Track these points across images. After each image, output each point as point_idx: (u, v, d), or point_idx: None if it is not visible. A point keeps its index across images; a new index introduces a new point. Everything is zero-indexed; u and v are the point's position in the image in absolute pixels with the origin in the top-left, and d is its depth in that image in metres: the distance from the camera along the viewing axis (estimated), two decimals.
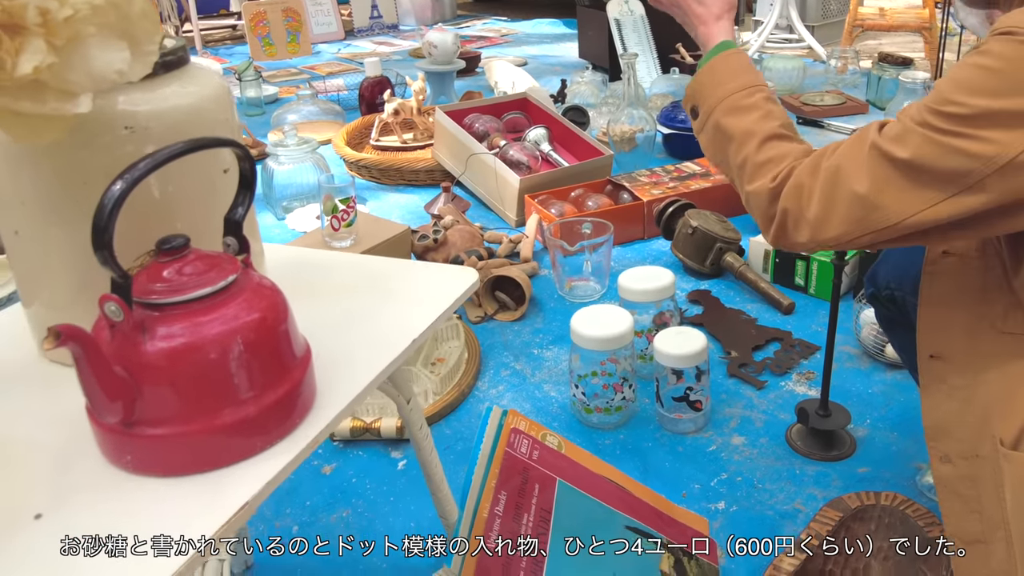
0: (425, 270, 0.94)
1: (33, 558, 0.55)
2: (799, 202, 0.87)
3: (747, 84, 1.01)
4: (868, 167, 0.83)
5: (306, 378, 0.66)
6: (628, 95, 2.46)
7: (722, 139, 1.00)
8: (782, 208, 0.89)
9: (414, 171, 2.53)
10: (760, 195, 0.92)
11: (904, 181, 0.81)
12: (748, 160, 0.95)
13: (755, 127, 0.97)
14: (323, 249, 1.66)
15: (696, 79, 1.06)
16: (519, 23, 5.51)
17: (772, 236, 0.92)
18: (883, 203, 0.82)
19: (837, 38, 4.14)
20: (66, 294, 0.74)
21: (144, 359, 0.57)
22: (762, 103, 0.99)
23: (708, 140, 1.03)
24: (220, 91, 0.77)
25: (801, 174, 0.89)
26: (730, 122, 0.99)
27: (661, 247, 2.05)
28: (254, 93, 3.39)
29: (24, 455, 0.65)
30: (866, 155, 0.83)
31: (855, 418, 1.36)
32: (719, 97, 1.01)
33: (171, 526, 0.56)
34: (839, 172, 0.85)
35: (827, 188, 0.85)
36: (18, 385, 0.75)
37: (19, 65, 0.55)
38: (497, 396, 1.51)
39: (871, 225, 0.83)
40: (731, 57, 1.05)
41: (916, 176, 0.80)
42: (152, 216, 0.72)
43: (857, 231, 0.85)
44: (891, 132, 0.83)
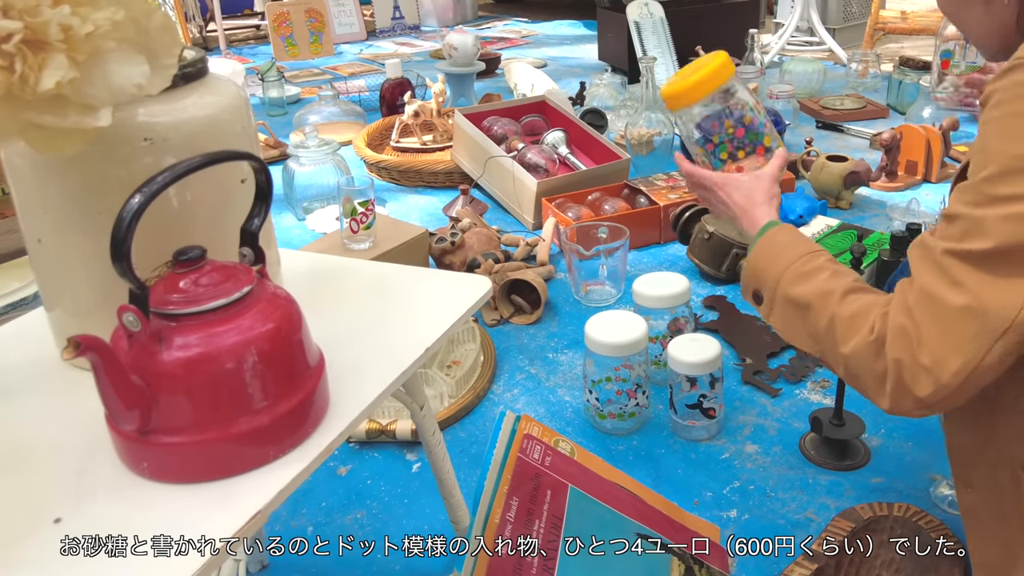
0: (439, 278, 0.95)
1: (52, 561, 0.56)
2: (908, 347, 0.77)
3: (804, 252, 0.95)
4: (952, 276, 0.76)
5: (319, 387, 0.67)
6: (646, 98, 2.46)
7: (796, 311, 0.92)
8: (892, 360, 0.78)
9: (433, 173, 2.54)
10: (861, 353, 0.82)
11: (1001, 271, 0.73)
12: (835, 318, 0.86)
13: (830, 286, 0.89)
14: (342, 251, 1.69)
15: (749, 264, 1.01)
16: (539, 24, 5.51)
17: (889, 400, 0.80)
18: (989, 306, 0.74)
19: (858, 41, 4.11)
20: (87, 301, 0.75)
21: (161, 368, 0.58)
22: (827, 264, 0.92)
23: (781, 320, 0.95)
24: (238, 101, 0.78)
25: (897, 317, 0.80)
26: (799, 291, 0.92)
27: (677, 252, 2.05)
28: (276, 93, 3.42)
29: (46, 458, 0.66)
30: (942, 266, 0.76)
31: (870, 427, 1.36)
32: (779, 272, 0.95)
33: (186, 532, 0.57)
34: (930, 297, 0.77)
35: (927, 319, 0.76)
36: (41, 387, 0.76)
37: (42, 80, 0.56)
38: (512, 400, 1.52)
39: (990, 335, 0.74)
40: (778, 233, 1.01)
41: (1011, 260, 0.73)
42: (171, 225, 0.73)
43: (979, 350, 0.74)
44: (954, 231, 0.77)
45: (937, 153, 2.31)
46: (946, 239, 0.77)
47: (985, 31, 0.91)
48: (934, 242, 0.78)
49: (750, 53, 3.18)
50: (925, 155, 2.32)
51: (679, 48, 3.37)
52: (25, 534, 0.58)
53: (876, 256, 1.81)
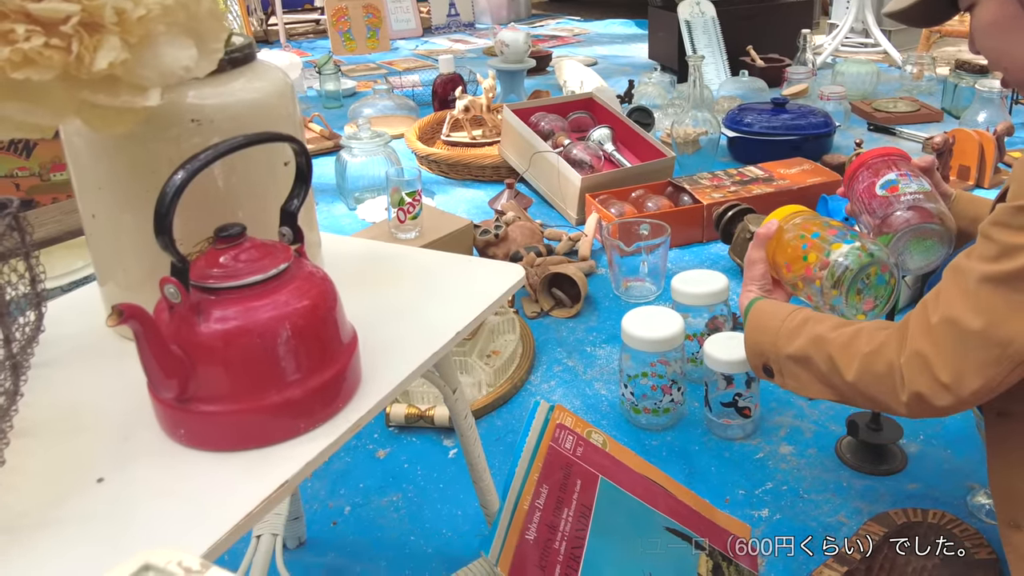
0: (475, 265, 0.96)
1: (94, 518, 0.59)
2: (928, 371, 0.80)
3: (786, 313, 1.01)
4: (979, 303, 0.77)
5: (351, 364, 0.69)
6: (693, 97, 2.45)
7: (800, 366, 0.97)
8: (912, 392, 0.82)
9: (481, 167, 2.56)
10: (866, 373, 0.86)
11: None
12: (832, 355, 0.91)
13: (817, 331, 0.95)
14: (389, 240, 1.72)
15: (747, 343, 1.07)
16: (592, 23, 5.51)
17: (908, 411, 0.84)
18: (1015, 336, 0.75)
19: (914, 43, 4.03)
20: (137, 275, 0.78)
21: (199, 339, 0.61)
22: (809, 314, 0.99)
23: (793, 380, 0.99)
24: (284, 87, 0.80)
25: (915, 341, 0.82)
26: (795, 346, 0.97)
27: (719, 251, 2.04)
28: (333, 86, 3.48)
29: (93, 422, 0.69)
30: (975, 288, 0.77)
31: (909, 433, 1.34)
32: (772, 337, 1.01)
33: (217, 497, 0.60)
34: (954, 323, 0.78)
35: (949, 341, 0.78)
36: (92, 356, 0.80)
37: (96, 60, 0.59)
38: (549, 391, 1.53)
39: (1011, 360, 0.76)
40: (759, 305, 1.07)
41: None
42: (217, 204, 0.76)
43: (999, 374, 0.77)
44: (990, 251, 0.77)
45: (990, 158, 2.26)
46: (982, 260, 0.78)
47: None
48: (969, 266, 0.80)
49: (801, 54, 3.14)
50: (978, 160, 2.27)
51: (730, 48, 3.35)
52: (70, 493, 0.61)
53: None
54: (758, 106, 2.64)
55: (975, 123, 2.53)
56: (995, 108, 2.53)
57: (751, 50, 3.35)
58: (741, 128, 2.56)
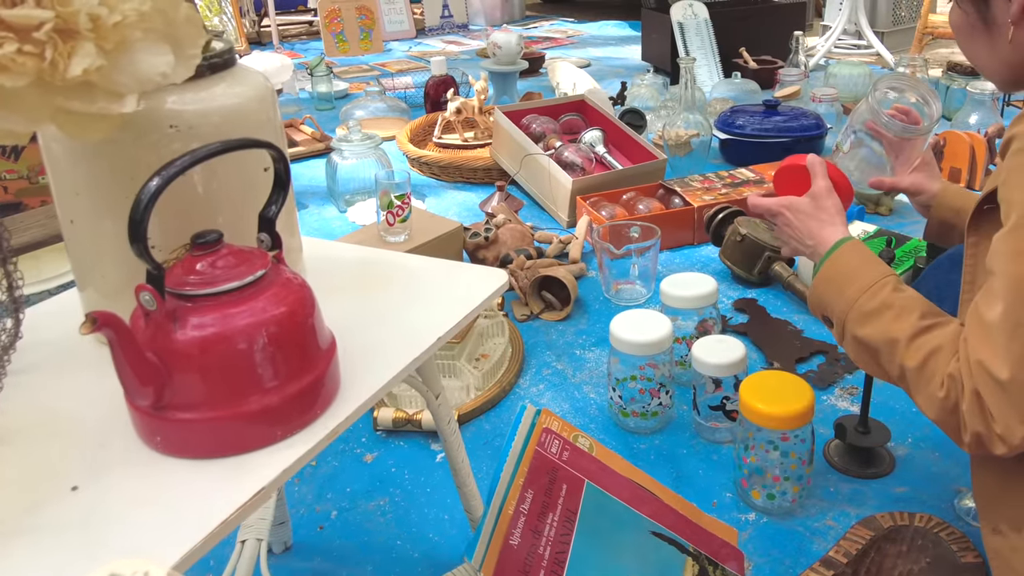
0: (459, 270, 0.96)
1: (68, 526, 0.59)
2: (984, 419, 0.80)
3: (867, 284, 0.95)
4: (1001, 349, 0.78)
5: (329, 371, 0.69)
6: (685, 99, 2.45)
7: (866, 352, 0.95)
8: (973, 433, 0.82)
9: (472, 169, 2.56)
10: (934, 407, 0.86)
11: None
12: (905, 369, 0.89)
13: (894, 333, 0.90)
14: (378, 243, 1.72)
15: (814, 289, 1.03)
16: (585, 25, 5.51)
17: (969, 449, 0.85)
18: None
19: (907, 45, 4.04)
20: (115, 282, 0.78)
21: (174, 347, 0.60)
22: (890, 297, 0.93)
23: (853, 353, 0.98)
24: (264, 92, 0.80)
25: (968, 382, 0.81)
26: (866, 332, 0.94)
27: (710, 253, 2.04)
28: (325, 88, 3.48)
29: (68, 429, 0.69)
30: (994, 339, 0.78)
31: (897, 436, 1.34)
32: (844, 308, 0.97)
33: (193, 504, 0.59)
34: (987, 373, 0.79)
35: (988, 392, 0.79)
36: (70, 363, 0.79)
37: (71, 67, 0.59)
38: (537, 395, 1.53)
39: None
40: (842, 255, 1.01)
41: None
42: (196, 210, 0.75)
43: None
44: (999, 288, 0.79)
45: (981, 160, 2.26)
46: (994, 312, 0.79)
47: (993, 65, 0.94)
48: (984, 308, 0.80)
49: (794, 56, 3.14)
50: (969, 162, 2.28)
51: (723, 50, 3.35)
52: (46, 501, 0.61)
53: (912, 263, 1.78)
54: (750, 108, 2.64)
55: (967, 125, 2.53)
56: (987, 110, 2.53)
57: (744, 52, 3.36)
58: (733, 130, 2.56)
